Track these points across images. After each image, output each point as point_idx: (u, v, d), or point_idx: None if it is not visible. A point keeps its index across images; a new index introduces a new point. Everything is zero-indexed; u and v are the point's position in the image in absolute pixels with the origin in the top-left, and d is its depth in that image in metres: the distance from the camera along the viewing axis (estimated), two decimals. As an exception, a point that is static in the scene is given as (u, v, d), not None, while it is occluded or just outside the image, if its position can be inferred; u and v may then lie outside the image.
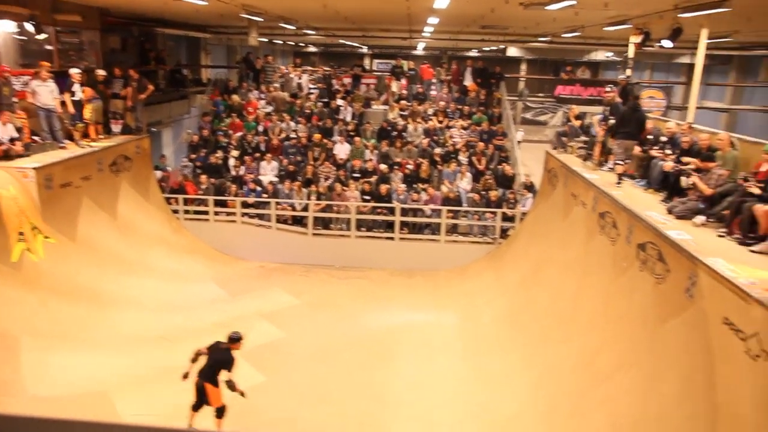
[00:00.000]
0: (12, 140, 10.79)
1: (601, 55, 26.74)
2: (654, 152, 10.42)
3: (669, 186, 9.34)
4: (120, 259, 11.70)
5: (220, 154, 16.28)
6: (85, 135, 12.71)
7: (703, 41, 11.70)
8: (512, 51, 28.19)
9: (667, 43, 12.58)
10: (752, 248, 6.83)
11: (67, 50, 15.23)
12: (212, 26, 22.56)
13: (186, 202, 15.03)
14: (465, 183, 15.46)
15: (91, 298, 10.26)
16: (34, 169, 10.22)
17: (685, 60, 24.90)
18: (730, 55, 23.88)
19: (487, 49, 28.27)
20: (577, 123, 14.13)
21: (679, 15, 11.35)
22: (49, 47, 14.17)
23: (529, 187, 14.98)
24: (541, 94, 25.56)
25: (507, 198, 14.80)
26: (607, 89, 12.89)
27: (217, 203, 14.98)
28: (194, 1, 12.40)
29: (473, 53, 29.41)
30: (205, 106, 19.02)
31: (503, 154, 16.77)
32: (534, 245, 12.54)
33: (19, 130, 11.08)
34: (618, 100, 12.30)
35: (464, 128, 17.52)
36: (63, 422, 0.99)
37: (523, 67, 28.85)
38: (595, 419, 7.07)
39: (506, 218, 14.53)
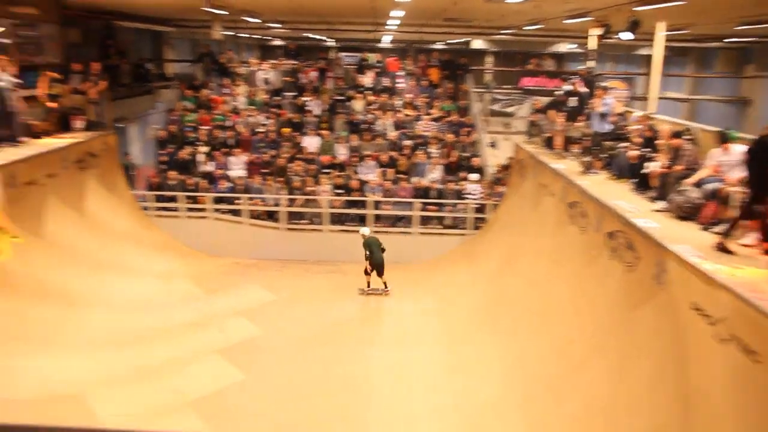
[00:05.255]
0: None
1: (564, 47, 27.15)
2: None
3: (637, 174, 9.64)
4: (89, 258, 11.43)
5: (188, 149, 16.06)
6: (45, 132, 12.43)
7: (660, 33, 12.04)
8: (477, 43, 28.36)
9: (626, 35, 12.91)
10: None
11: (25, 44, 14.74)
12: (175, 20, 22.09)
13: (156, 198, 14.79)
14: (436, 174, 15.58)
15: (60, 298, 10.02)
16: (-4, 166, 9.90)
17: (645, 51, 25.44)
18: (687, 47, 24.53)
19: (453, 41, 28.36)
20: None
21: (635, 8, 11.68)
22: (5, 40, 13.71)
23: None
24: (507, 86, 25.83)
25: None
26: (571, 79, 13.24)
27: (189, 199, 14.78)
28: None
29: (439, 45, 29.50)
30: (172, 102, 18.69)
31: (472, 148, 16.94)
32: (506, 236, 12.73)
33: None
34: (583, 89, 12.55)
35: (434, 120, 17.62)
36: (34, 428, 0.99)
37: (489, 59, 29.03)
38: (570, 406, 7.27)
39: (478, 209, 14.73)
